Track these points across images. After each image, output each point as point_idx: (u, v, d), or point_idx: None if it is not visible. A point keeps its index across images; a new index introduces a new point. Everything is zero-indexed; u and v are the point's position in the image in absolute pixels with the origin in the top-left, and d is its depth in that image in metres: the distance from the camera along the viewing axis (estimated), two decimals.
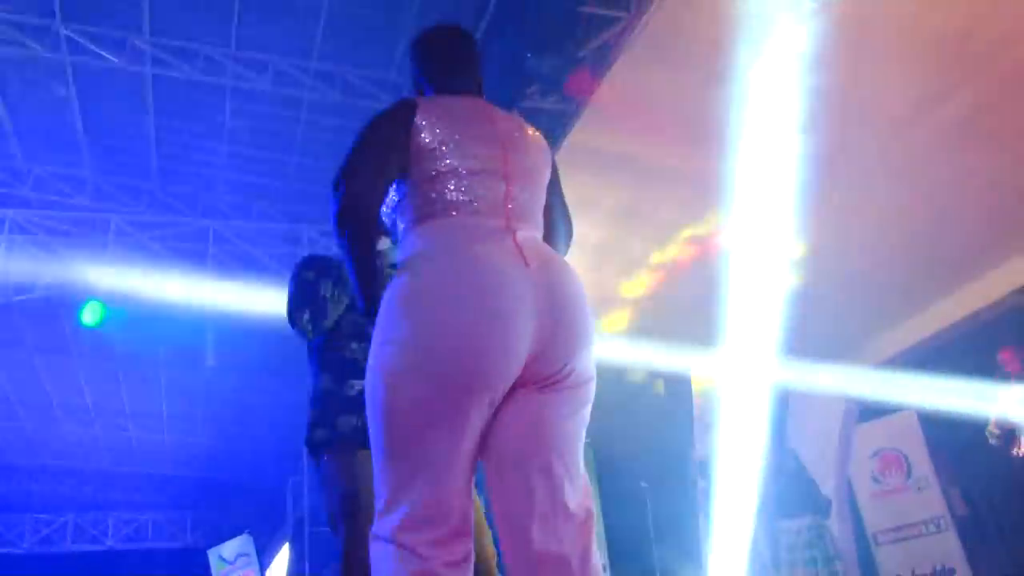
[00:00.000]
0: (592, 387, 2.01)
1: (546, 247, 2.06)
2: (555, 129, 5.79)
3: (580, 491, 1.94)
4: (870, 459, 8.31)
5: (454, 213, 1.96)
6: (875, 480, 8.25)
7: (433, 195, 1.98)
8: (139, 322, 8.69)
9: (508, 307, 1.84)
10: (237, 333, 8.54)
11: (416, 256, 1.94)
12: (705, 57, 4.98)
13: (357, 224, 1.95)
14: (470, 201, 1.98)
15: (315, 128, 7.89)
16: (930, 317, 7.28)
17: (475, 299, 1.83)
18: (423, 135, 2.01)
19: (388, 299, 1.90)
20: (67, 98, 7.84)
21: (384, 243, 2.76)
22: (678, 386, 8.31)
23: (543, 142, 2.22)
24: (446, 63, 2.29)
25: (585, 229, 6.53)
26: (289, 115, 7.91)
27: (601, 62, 5.43)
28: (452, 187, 1.98)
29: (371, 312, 1.95)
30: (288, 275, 3.00)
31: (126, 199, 8.94)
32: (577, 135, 5.73)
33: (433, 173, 1.99)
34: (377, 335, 1.90)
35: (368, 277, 1.97)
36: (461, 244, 1.91)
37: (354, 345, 2.85)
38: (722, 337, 6.65)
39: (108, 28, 7.09)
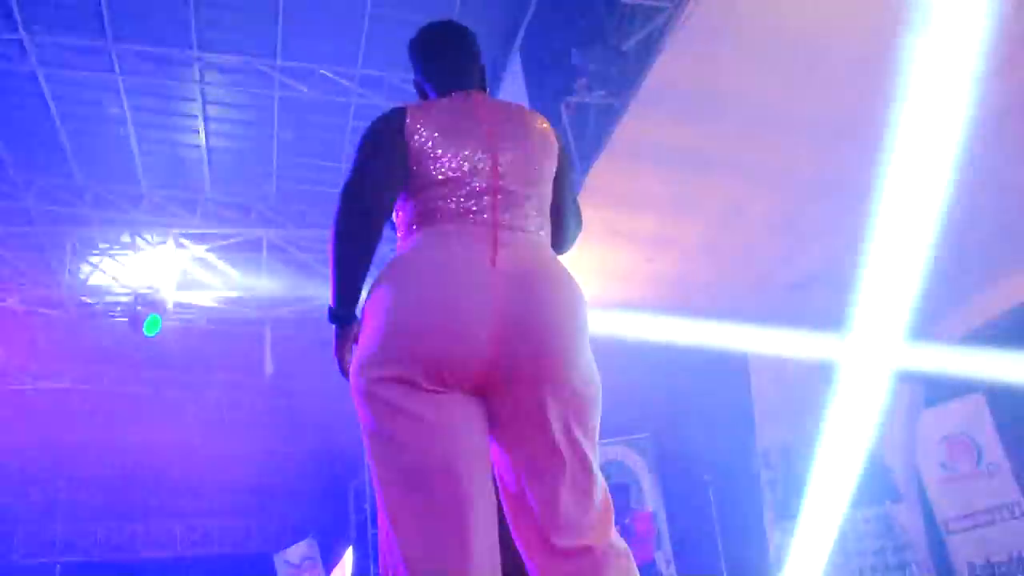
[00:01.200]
0: (588, 398, 1.95)
1: (535, 250, 2.01)
2: (603, 123, 5.75)
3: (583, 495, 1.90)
4: (938, 445, 8.10)
5: (436, 223, 1.97)
6: (944, 467, 8.05)
7: (423, 206, 2.00)
8: (197, 331, 8.85)
9: (458, 308, 1.85)
10: (294, 339, 8.64)
11: (389, 266, 1.96)
12: (751, 44, 4.91)
13: (354, 246, 1.98)
14: (454, 210, 1.98)
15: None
16: (1003, 293, 7.07)
17: (423, 298, 1.86)
18: (414, 142, 2.01)
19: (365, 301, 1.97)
20: (120, 115, 8.00)
21: None
22: (738, 375, 8.21)
23: (547, 133, 2.17)
24: (443, 61, 2.28)
25: (635, 222, 6.56)
26: (336, 122, 7.99)
27: (646, 53, 5.38)
28: (440, 195, 1.99)
29: (338, 317, 2.01)
30: None
31: (181, 212, 9.12)
32: (624, 128, 5.68)
33: (419, 185, 2.00)
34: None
35: (346, 292, 2.00)
36: (430, 253, 1.93)
37: None
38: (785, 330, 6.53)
39: (156, 45, 7.23)
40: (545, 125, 2.19)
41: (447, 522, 1.76)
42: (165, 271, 8.58)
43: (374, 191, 1.97)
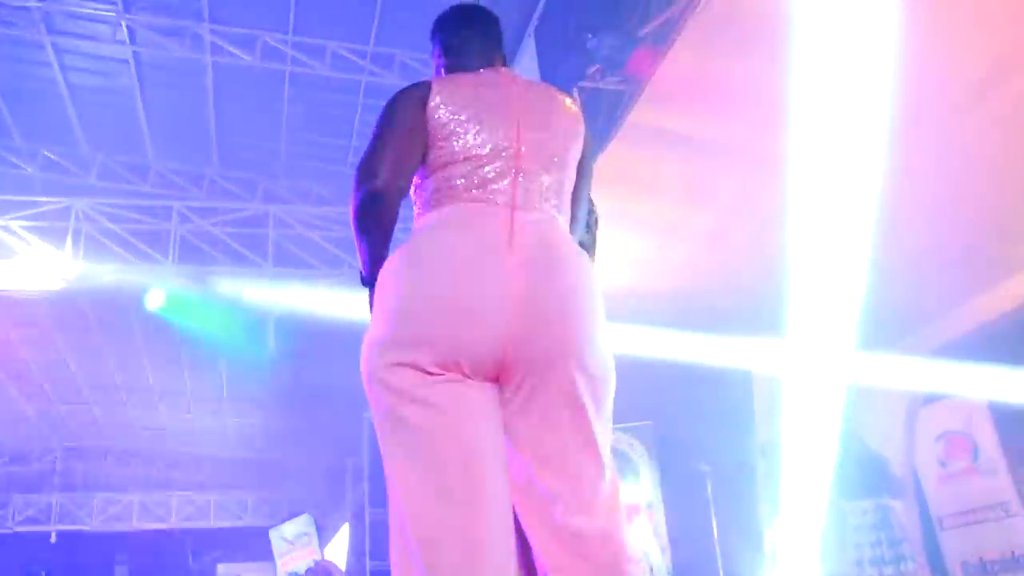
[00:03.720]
0: (603, 382, 1.93)
1: (553, 232, 1.98)
2: (616, 109, 5.74)
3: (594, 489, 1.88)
4: (935, 442, 8.11)
5: (456, 200, 1.94)
6: (941, 464, 8.06)
7: (443, 183, 1.97)
8: (201, 307, 8.84)
9: (473, 292, 1.82)
10: (297, 317, 8.64)
11: (400, 250, 1.93)
12: (767, 34, 4.89)
13: (376, 224, 1.97)
14: (474, 187, 1.94)
15: (373, 112, 7.91)
16: (996, 298, 7.09)
17: (438, 282, 1.84)
18: (438, 117, 1.98)
19: (378, 282, 1.94)
20: (129, 87, 7.98)
21: None
22: (739, 368, 8.20)
23: (576, 117, 2.13)
24: (469, 40, 2.25)
25: (647, 208, 6.55)
26: (347, 100, 7.96)
27: (662, 40, 5.35)
28: (461, 173, 1.96)
29: (369, 282, 1.99)
30: (347, 260, 2.95)
31: (187, 185, 9.10)
32: (638, 114, 5.66)
33: (441, 162, 1.97)
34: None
35: (373, 259, 1.98)
36: (445, 233, 1.91)
37: None
38: (786, 323, 6.53)
39: (169, 18, 7.19)
40: (575, 108, 2.16)
41: (461, 509, 1.74)
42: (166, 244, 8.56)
43: (389, 171, 1.95)
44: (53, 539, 16.76)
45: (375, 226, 1.97)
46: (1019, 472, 7.71)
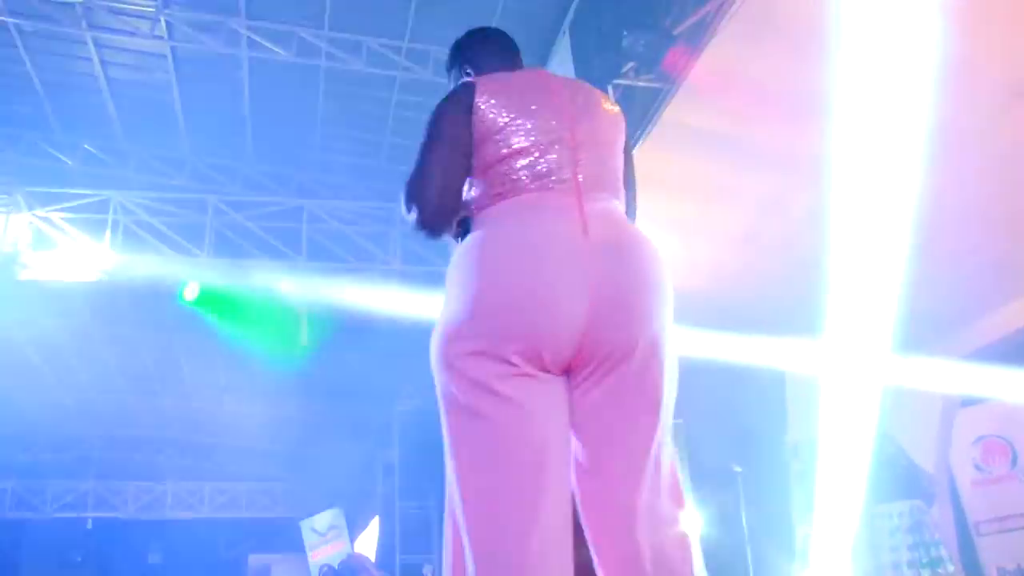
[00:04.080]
0: (671, 369, 1.92)
1: (620, 218, 2.00)
2: (650, 107, 5.70)
3: (655, 478, 1.86)
4: (972, 446, 8.01)
5: (520, 192, 1.93)
6: (978, 468, 7.95)
7: (499, 178, 1.95)
8: (235, 300, 8.92)
9: (555, 280, 1.80)
10: (330, 310, 8.69)
11: (476, 235, 1.93)
12: (803, 32, 4.84)
13: (439, 231, 2.00)
14: (536, 178, 1.94)
15: (407, 108, 7.95)
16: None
17: (518, 270, 1.82)
18: (486, 116, 1.97)
19: (450, 271, 1.92)
20: (167, 82, 8.06)
21: None
22: (771, 368, 8.14)
23: (614, 108, 2.16)
24: (489, 55, 2.28)
25: (679, 207, 6.52)
26: (381, 95, 7.99)
27: (697, 39, 5.31)
28: (517, 166, 1.94)
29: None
30: (379, 254, 2.89)
31: (223, 179, 9.19)
32: (672, 112, 5.63)
33: (499, 156, 1.96)
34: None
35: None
36: (519, 221, 1.89)
37: None
38: (821, 323, 6.46)
39: (206, 13, 7.26)
40: (614, 106, 2.19)
41: (520, 508, 1.72)
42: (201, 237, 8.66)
43: (438, 194, 1.95)
44: (89, 525, 17.06)
45: (437, 232, 2.02)
46: None
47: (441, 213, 1.97)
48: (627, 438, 1.84)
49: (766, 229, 6.73)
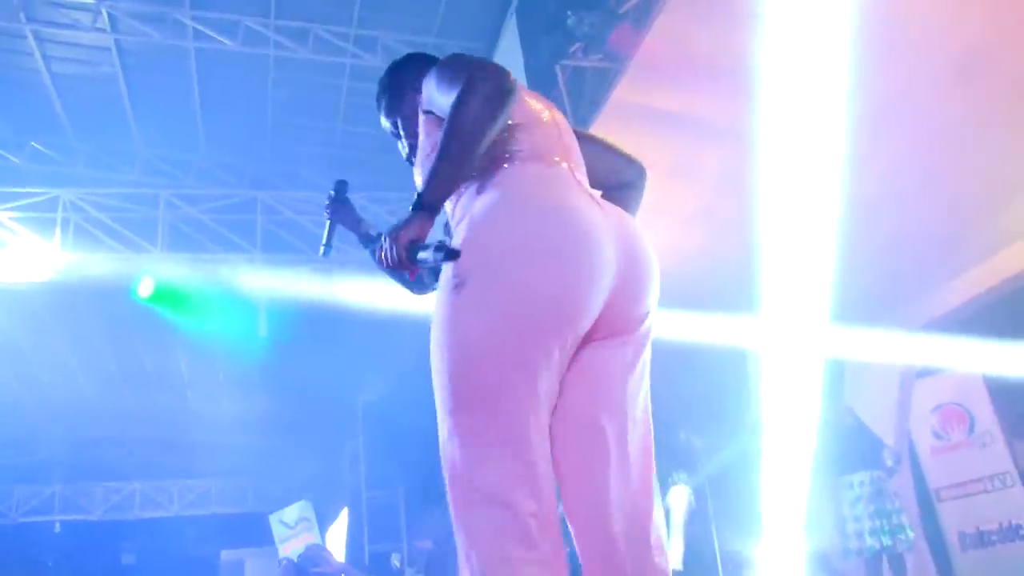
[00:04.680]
0: (650, 337, 2.01)
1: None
2: (599, 87, 5.68)
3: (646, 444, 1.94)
4: (931, 414, 8.12)
5: (525, 161, 1.95)
6: (936, 436, 8.07)
7: (503, 145, 1.94)
8: (191, 294, 8.80)
9: (599, 256, 1.83)
10: (288, 302, 8.60)
11: (511, 195, 1.88)
12: (748, 7, 4.83)
13: (500, 118, 1.83)
14: (536, 151, 1.97)
15: (358, 94, 7.88)
16: (988, 271, 7.07)
17: (572, 247, 1.81)
18: None
19: (487, 228, 1.82)
20: (112, 75, 7.91)
21: None
22: (735, 348, 8.19)
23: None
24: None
25: None
26: (332, 82, 7.90)
27: (643, 16, 5.29)
28: (521, 138, 1.97)
29: (430, 207, 1.79)
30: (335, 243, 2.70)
31: (175, 172, 9.05)
32: (622, 92, 5.61)
33: (519, 119, 1.98)
34: (466, 262, 1.76)
35: (452, 187, 1.84)
36: (555, 191, 1.90)
37: None
38: (764, 300, 6.51)
39: (149, 4, 7.12)
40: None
41: (540, 490, 1.73)
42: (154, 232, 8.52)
43: (510, 86, 1.85)
44: (57, 528, 16.84)
45: (481, 140, 1.79)
46: (1016, 443, 7.71)
47: (511, 103, 1.84)
48: (624, 405, 1.90)
49: (720, 206, 6.74)
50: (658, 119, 5.94)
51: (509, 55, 5.97)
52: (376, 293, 7.59)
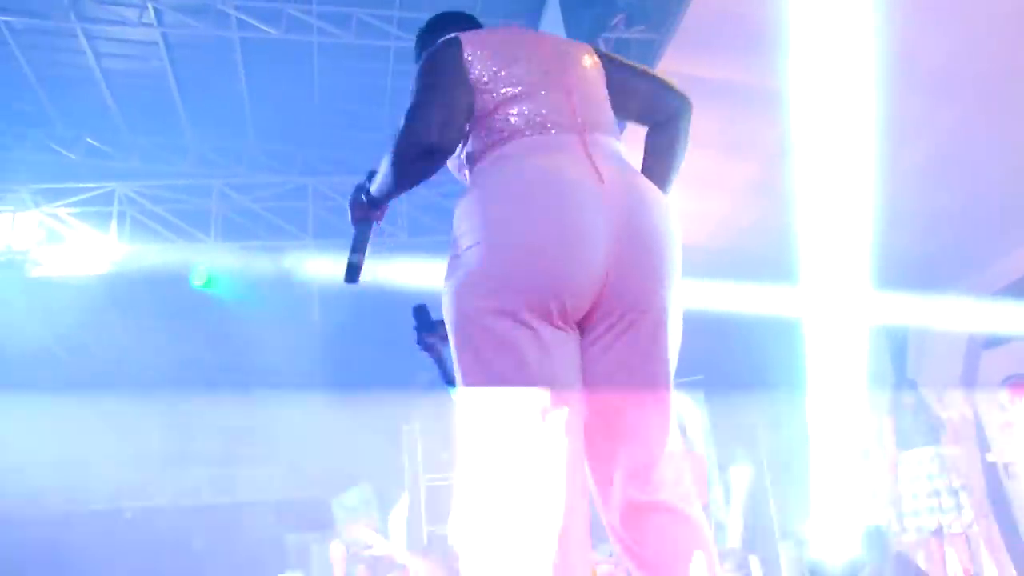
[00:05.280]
0: (678, 322, 1.88)
1: (628, 164, 1.94)
2: (645, 59, 5.56)
3: (668, 431, 1.84)
4: (999, 386, 7.85)
5: (522, 136, 1.87)
6: (1004, 409, 7.80)
7: (497, 125, 1.89)
8: (245, 283, 8.91)
9: (578, 222, 1.75)
10: (342, 287, 8.63)
11: (485, 180, 1.86)
12: None
13: (416, 177, 1.94)
14: (532, 123, 1.88)
15: (404, 77, 7.85)
16: None
17: (545, 215, 1.75)
18: (473, 69, 1.93)
19: (460, 216, 1.84)
20: (161, 69, 8.00)
21: None
22: (788, 319, 8.03)
23: (595, 59, 2.11)
24: (461, 29, 2.18)
25: (688, 159, 6.38)
26: (377, 67, 7.89)
27: None
28: (515, 112, 1.90)
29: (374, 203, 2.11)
30: (387, 228, 2.84)
31: (225, 162, 9.14)
32: (667, 63, 5.49)
33: (492, 106, 1.91)
34: (451, 250, 1.85)
35: (389, 198, 2.05)
36: (531, 161, 1.83)
37: None
38: (816, 271, 6.35)
39: None
40: (595, 57, 2.13)
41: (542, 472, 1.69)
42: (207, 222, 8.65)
43: (442, 122, 1.86)
44: (128, 516, 17.25)
45: (413, 179, 1.93)
46: None
47: (444, 146, 1.87)
48: (643, 399, 1.80)
49: (776, 180, 6.59)
50: (709, 90, 5.80)
51: (552, 29, 5.89)
52: (430, 275, 7.58)
